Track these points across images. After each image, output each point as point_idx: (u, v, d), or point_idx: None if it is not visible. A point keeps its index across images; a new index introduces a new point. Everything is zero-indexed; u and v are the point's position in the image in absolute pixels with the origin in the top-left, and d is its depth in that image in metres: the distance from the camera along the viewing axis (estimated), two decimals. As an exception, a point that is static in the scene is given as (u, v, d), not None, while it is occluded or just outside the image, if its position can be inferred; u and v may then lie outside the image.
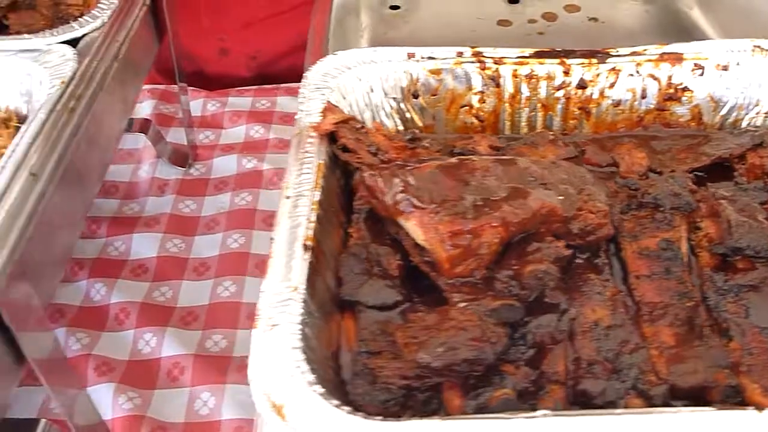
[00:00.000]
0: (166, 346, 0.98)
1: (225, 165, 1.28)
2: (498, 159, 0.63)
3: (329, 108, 0.71)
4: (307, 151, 0.67)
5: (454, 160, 0.63)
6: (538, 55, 0.78)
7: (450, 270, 0.58)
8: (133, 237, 1.13)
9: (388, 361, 0.56)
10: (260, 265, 1.11)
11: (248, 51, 1.47)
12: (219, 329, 1.02)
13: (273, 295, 0.55)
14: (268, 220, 1.18)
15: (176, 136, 1.32)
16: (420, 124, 0.80)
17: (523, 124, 0.80)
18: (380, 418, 0.47)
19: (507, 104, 0.79)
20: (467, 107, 0.80)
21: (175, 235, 1.15)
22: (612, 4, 1.07)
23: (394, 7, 1.10)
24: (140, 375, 0.96)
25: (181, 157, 1.25)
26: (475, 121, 0.80)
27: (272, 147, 1.32)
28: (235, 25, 1.45)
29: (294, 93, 1.45)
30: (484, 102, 0.80)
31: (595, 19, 1.05)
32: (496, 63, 0.78)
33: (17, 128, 0.83)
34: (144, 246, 1.13)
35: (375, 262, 0.64)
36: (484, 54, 0.79)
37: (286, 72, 1.48)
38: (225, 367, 0.98)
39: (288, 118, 1.38)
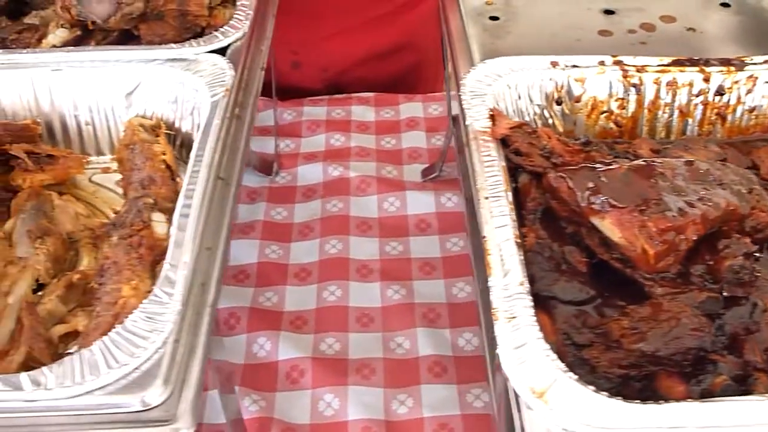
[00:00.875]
0: (282, 349, 1.01)
1: (310, 173, 1.31)
2: (680, 161, 0.66)
3: (497, 114, 0.74)
4: (489, 155, 0.70)
5: (640, 162, 0.66)
6: (677, 63, 0.82)
7: (654, 265, 0.61)
8: (231, 243, 1.15)
9: (601, 352, 0.59)
10: (361, 270, 1.14)
11: (321, 64, 1.50)
12: (331, 332, 1.04)
13: (501, 290, 0.57)
14: (362, 226, 1.20)
15: (257, 144, 1.34)
16: (561, 129, 0.84)
17: (660, 128, 0.84)
18: (638, 402, 0.50)
19: (646, 110, 0.83)
20: (607, 113, 0.84)
21: (271, 241, 1.17)
22: (705, 14, 1.11)
23: (494, 18, 1.14)
24: (260, 378, 0.98)
25: (267, 166, 1.28)
26: (614, 126, 0.84)
27: (355, 155, 1.34)
28: (309, 40, 1.48)
29: (365, 102, 1.48)
30: (623, 108, 0.83)
31: (692, 29, 1.08)
32: (638, 71, 0.82)
33: (167, 135, 0.86)
34: (243, 252, 1.15)
35: (561, 259, 0.67)
36: (625, 63, 0.83)
37: (354, 83, 1.51)
38: (343, 369, 1.00)
39: (364, 127, 1.41)
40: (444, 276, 1.12)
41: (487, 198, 0.65)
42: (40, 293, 0.73)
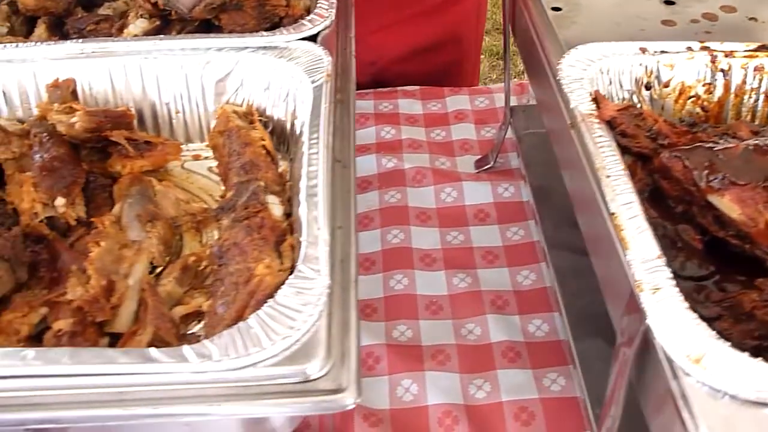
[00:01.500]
0: (356, 335, 1.01)
1: (364, 164, 1.31)
2: (791, 140, 0.68)
3: (600, 97, 0.75)
4: (601, 136, 0.71)
5: (756, 141, 0.68)
6: (764, 48, 0.84)
7: (777, 241, 0.63)
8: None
9: (731, 325, 0.61)
10: (425, 259, 1.16)
11: (368, 58, 1.51)
12: (402, 320, 1.05)
13: (641, 263, 0.59)
14: (422, 216, 1.22)
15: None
16: (649, 114, 0.85)
17: (745, 113, 0.86)
18: (793, 366, 0.52)
19: (733, 95, 0.85)
20: (694, 98, 0.85)
21: (334, 231, 1.18)
22: (764, 4, 1.13)
23: (556, 9, 1.15)
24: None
25: (321, 158, 1.28)
26: (700, 111, 0.86)
27: (407, 147, 1.35)
28: (356, 34, 1.49)
29: (411, 96, 1.50)
30: (710, 93, 0.85)
31: (754, 19, 1.11)
32: (726, 56, 0.84)
33: (261, 122, 0.87)
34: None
35: (675, 237, 0.69)
36: (713, 48, 0.85)
37: (397, 77, 1.52)
38: (418, 355, 1.01)
39: (413, 119, 1.42)
40: (507, 264, 1.14)
41: (608, 177, 0.66)
42: (153, 275, 0.74)
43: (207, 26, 0.99)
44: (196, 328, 0.71)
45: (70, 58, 0.88)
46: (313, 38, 0.89)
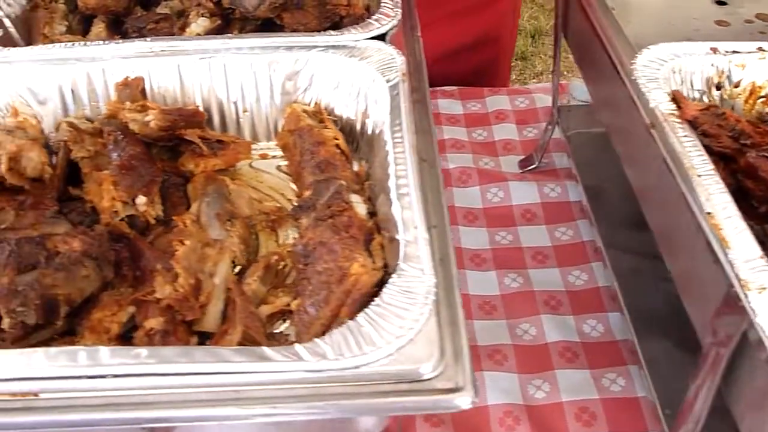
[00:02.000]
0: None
1: (409, 164, 1.31)
2: None
3: (680, 96, 0.75)
4: (686, 136, 0.71)
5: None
6: (833, 47, 0.84)
7: None
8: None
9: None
10: (474, 259, 1.16)
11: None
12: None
13: (744, 263, 0.59)
14: (469, 216, 1.22)
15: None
16: (719, 114, 0.85)
17: (815, 113, 0.86)
18: None
19: (801, 95, 0.85)
20: (765, 98, 0.85)
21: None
22: (817, 5, 1.14)
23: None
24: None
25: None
26: (770, 110, 0.86)
27: (450, 147, 1.36)
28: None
29: (450, 96, 1.49)
30: (781, 93, 0.85)
31: (808, 19, 1.11)
32: (797, 56, 0.84)
33: (330, 120, 0.87)
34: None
35: (763, 237, 0.68)
36: (784, 48, 0.85)
37: (434, 76, 1.52)
38: (476, 355, 1.02)
39: (454, 119, 1.43)
40: (558, 264, 1.14)
41: (699, 176, 0.66)
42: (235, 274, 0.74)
43: (268, 26, 0.99)
44: (282, 327, 0.71)
45: (138, 57, 0.88)
46: (381, 37, 0.89)
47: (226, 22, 0.99)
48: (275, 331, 0.70)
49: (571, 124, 1.26)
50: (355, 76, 0.85)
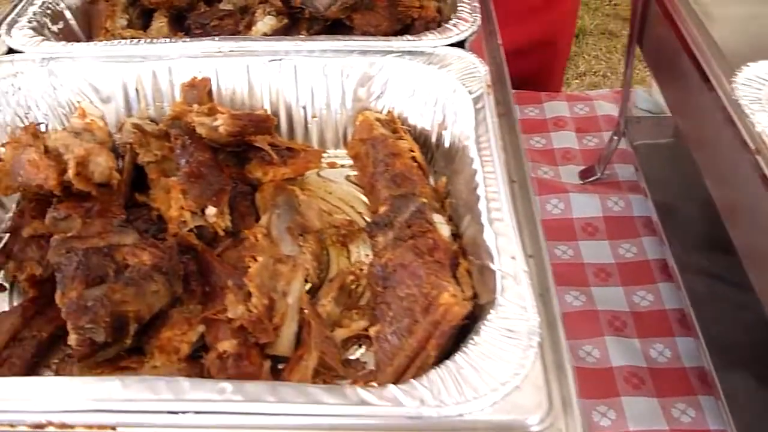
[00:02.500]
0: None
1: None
2: None
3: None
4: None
5: None
6: None
7: None
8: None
9: None
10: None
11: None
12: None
13: None
14: (587, 229, 1.17)
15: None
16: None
17: None
18: None
19: None
20: None
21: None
22: None
23: (689, 20, 1.10)
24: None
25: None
26: None
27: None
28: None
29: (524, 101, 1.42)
30: None
31: None
32: None
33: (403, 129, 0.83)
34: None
35: None
36: None
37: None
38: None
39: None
40: (621, 283, 1.09)
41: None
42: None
43: (336, 26, 0.95)
44: (358, 353, 0.67)
45: (206, 57, 0.84)
46: (459, 44, 0.84)
47: (293, 22, 0.95)
48: (350, 357, 0.66)
49: (637, 135, 1.21)
50: (433, 84, 0.81)
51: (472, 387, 0.50)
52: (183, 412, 0.49)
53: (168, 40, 0.86)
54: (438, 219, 0.69)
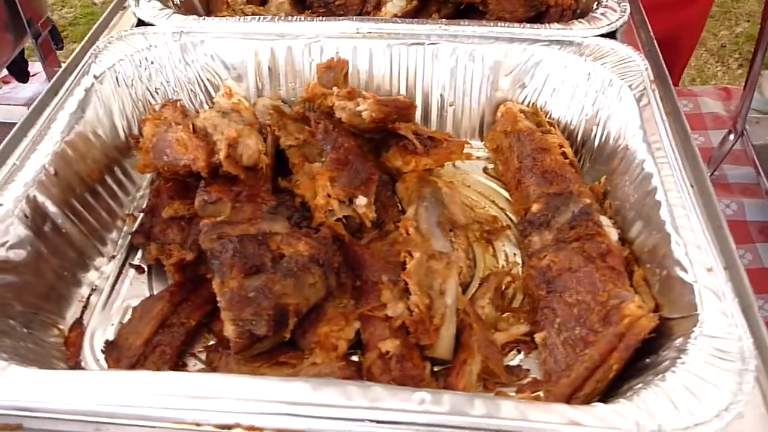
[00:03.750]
0: None
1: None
2: None
3: None
4: None
5: None
6: None
7: None
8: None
9: None
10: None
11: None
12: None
13: None
14: None
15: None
16: None
17: None
18: None
19: None
20: None
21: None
22: None
23: None
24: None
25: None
26: None
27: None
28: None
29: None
30: None
31: None
32: None
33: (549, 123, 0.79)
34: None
35: None
36: None
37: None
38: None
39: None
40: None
41: None
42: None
43: (464, 11, 0.91)
44: (517, 359, 0.63)
45: (344, 37, 0.81)
46: (610, 35, 0.80)
47: (422, 3, 0.91)
48: (510, 363, 0.63)
49: (756, 136, 1.15)
50: (585, 77, 0.76)
51: (690, 411, 0.46)
52: (380, 422, 0.46)
53: (303, 18, 0.82)
54: (606, 222, 0.65)
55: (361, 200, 0.68)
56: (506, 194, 0.78)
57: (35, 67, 1.28)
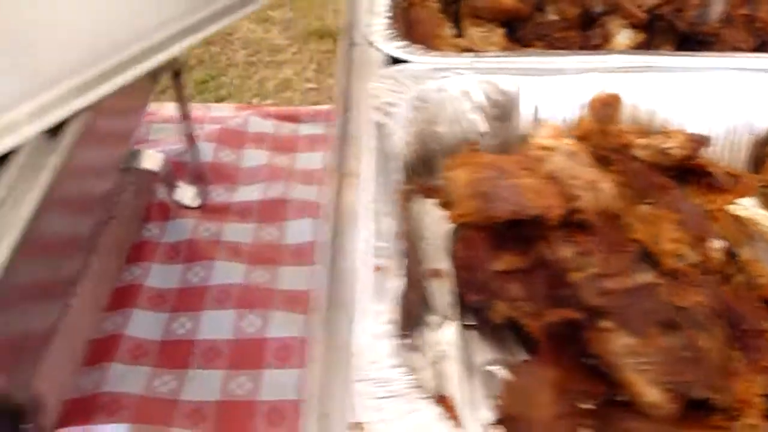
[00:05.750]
0: None
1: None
2: None
3: None
4: None
5: None
6: None
7: None
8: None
9: None
10: None
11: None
12: None
13: None
14: None
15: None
16: None
17: None
18: None
19: None
20: None
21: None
22: None
23: None
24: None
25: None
26: None
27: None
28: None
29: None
30: None
31: None
32: None
33: None
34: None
35: None
36: None
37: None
38: None
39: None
40: None
41: None
42: None
43: (690, 42, 0.89)
44: None
45: (607, 72, 0.77)
46: None
47: (650, 35, 0.88)
48: None
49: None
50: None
51: None
52: None
53: (559, 53, 0.78)
54: None
55: (717, 243, 0.63)
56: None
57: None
